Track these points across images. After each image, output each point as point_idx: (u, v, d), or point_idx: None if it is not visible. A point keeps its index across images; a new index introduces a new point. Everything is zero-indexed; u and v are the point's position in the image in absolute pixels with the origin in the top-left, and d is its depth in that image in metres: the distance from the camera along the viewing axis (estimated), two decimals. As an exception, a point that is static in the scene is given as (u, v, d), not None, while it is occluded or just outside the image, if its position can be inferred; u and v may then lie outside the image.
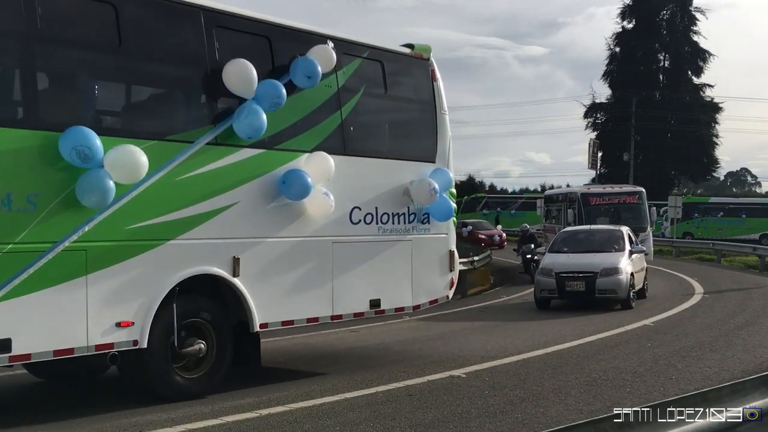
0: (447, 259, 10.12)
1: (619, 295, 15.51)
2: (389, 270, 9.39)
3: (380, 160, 9.46)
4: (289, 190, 8.13)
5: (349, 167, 8.86)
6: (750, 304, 16.24)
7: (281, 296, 8.26)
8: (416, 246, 9.66)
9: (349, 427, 6.42)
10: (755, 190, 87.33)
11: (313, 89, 8.46)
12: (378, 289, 9.22)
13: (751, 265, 27.71)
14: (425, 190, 9.46)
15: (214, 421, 6.61)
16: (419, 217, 9.69)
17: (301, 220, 8.38)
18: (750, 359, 9.64)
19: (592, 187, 33.47)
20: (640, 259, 17.41)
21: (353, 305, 9.00)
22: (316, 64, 8.24)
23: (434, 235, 9.94)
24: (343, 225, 8.87)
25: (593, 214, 25.26)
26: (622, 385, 8.07)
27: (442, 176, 9.78)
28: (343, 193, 8.72)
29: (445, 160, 10.13)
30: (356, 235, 9.00)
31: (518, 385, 8.07)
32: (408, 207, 9.56)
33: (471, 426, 6.45)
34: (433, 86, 10.09)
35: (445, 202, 9.88)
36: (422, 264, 9.75)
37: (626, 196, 26.70)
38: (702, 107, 54.52)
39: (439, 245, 10.03)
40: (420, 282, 9.72)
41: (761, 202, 48.66)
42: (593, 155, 50.62)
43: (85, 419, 6.76)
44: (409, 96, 10.43)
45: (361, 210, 9.05)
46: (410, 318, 14.99)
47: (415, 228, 9.67)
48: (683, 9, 56.09)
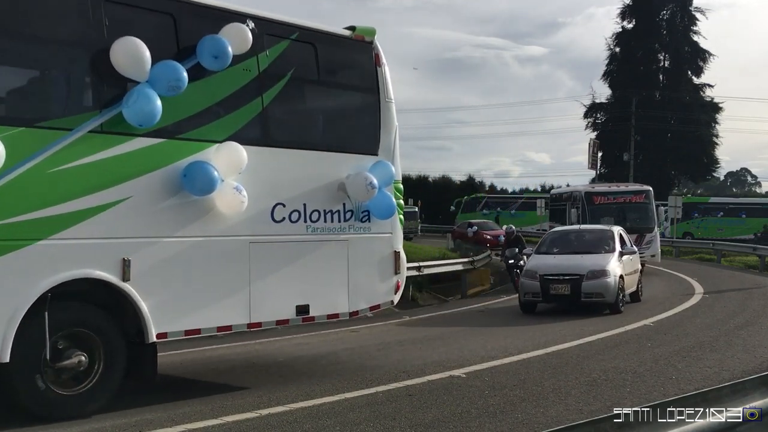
0: (391, 260, 9.29)
1: (606, 299, 14.72)
2: (320, 273, 8.54)
3: (311, 153, 8.60)
4: (191, 184, 7.30)
5: (272, 160, 8.11)
6: (750, 304, 16.24)
7: (184, 303, 7.41)
8: (354, 246, 8.84)
9: (349, 427, 6.42)
10: (755, 190, 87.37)
11: (228, 73, 7.65)
12: (306, 294, 8.35)
13: (751, 265, 27.74)
14: (361, 184, 8.59)
15: (214, 420, 6.61)
16: (357, 215, 8.86)
17: (209, 217, 7.54)
18: (750, 359, 9.64)
19: (597, 185, 32.43)
20: (633, 261, 16.69)
21: (275, 312, 8.14)
22: (224, 44, 7.43)
23: (376, 234, 9.09)
24: (263, 223, 8.03)
25: (597, 213, 24.28)
26: (622, 385, 8.06)
27: (382, 170, 8.94)
28: (263, 189, 7.95)
29: (390, 152, 9.29)
30: (279, 235, 8.16)
31: (518, 385, 8.07)
32: (344, 204, 8.73)
33: (471, 426, 6.45)
34: (376, 72, 9.22)
35: (385, 199, 9.00)
36: (361, 266, 8.92)
37: (632, 195, 25.51)
38: (702, 107, 54.57)
39: (381, 246, 9.19)
40: (358, 286, 8.87)
41: (761, 202, 48.73)
42: (593, 155, 50.62)
43: (85, 419, 6.75)
44: (348, 82, 9.59)
45: (285, 207, 8.19)
46: (410, 318, 15.01)
47: (353, 227, 8.83)
48: (683, 9, 56.14)
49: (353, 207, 8.81)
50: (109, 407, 7.16)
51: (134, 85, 6.95)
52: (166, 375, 8.95)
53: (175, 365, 9.62)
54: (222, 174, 7.46)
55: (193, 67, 7.32)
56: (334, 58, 9.10)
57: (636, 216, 24.56)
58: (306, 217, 8.38)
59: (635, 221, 24.16)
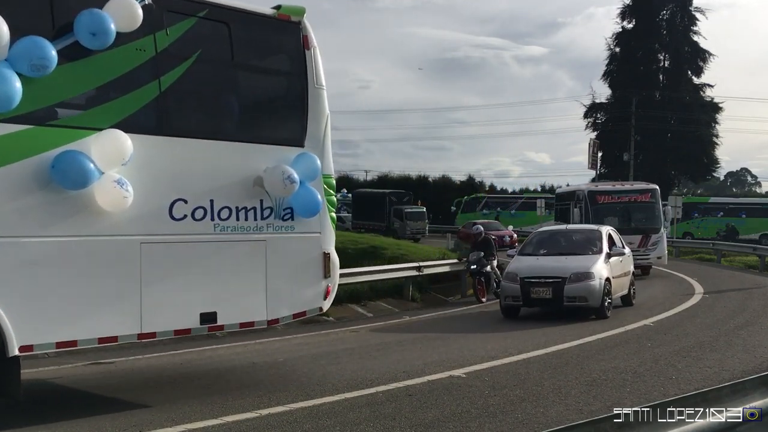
0: (320, 263, 8.39)
1: (590, 303, 13.77)
2: (232, 277, 7.69)
3: (221, 143, 7.74)
4: (62, 176, 6.42)
5: (171, 151, 7.24)
6: (750, 304, 16.25)
7: (56, 311, 6.50)
8: (273, 247, 7.97)
9: (349, 427, 6.43)
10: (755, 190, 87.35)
11: (116, 53, 6.82)
12: (213, 301, 7.50)
13: (751, 265, 27.75)
14: (278, 179, 7.75)
15: (214, 421, 6.61)
16: (278, 213, 8.01)
17: (86, 215, 6.64)
18: (750, 359, 9.64)
19: (601, 184, 31.39)
20: (624, 263, 15.71)
21: (174, 320, 7.25)
22: (104, 20, 6.57)
23: (301, 234, 8.21)
24: (159, 222, 7.12)
25: (601, 213, 23.46)
26: (622, 385, 8.07)
27: (306, 163, 8.11)
28: (158, 182, 7.10)
29: (319, 143, 8.42)
30: (180, 234, 7.24)
31: (518, 385, 8.07)
32: (261, 200, 7.86)
33: (471, 426, 6.45)
34: (304, 55, 8.31)
35: (309, 195, 8.11)
36: (282, 269, 8.05)
37: (638, 194, 24.44)
38: (702, 107, 54.57)
39: (307, 247, 8.32)
40: (279, 291, 8.01)
41: (761, 202, 48.72)
42: (593, 155, 50.71)
43: (85, 419, 6.76)
44: (269, 66, 8.70)
45: (187, 203, 7.29)
46: (410, 318, 15.02)
47: (272, 226, 7.97)
48: (683, 9, 56.14)
49: (273, 204, 7.96)
50: (109, 407, 7.17)
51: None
52: (166, 375, 8.96)
53: (175, 365, 9.63)
54: (101, 166, 6.61)
55: (70, 46, 6.52)
56: (252, 39, 8.23)
57: (642, 216, 23.93)
58: (213, 215, 7.50)
59: (641, 221, 23.72)
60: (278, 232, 8.04)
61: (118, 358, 9.98)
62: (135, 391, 7.90)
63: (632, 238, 22.52)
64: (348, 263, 18.25)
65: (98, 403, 7.52)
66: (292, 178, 7.80)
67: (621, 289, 15.37)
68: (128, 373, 9.14)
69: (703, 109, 54.48)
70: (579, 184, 30.68)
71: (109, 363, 9.68)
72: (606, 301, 13.97)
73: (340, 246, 8.76)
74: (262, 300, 7.91)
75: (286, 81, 8.67)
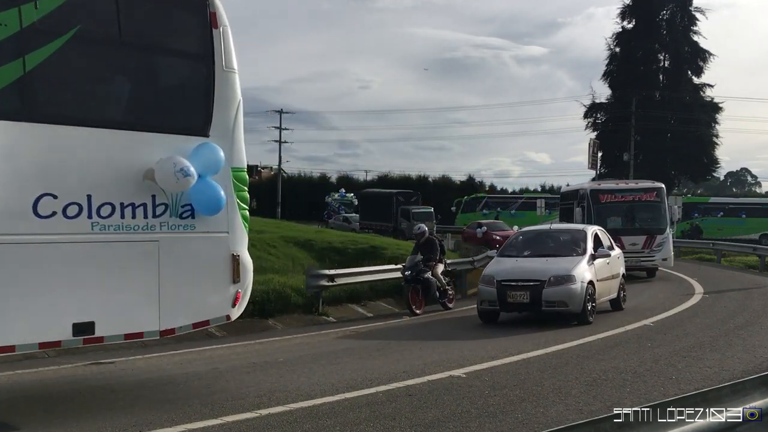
0: (227, 266, 7.54)
1: (570, 308, 12.94)
2: (114, 282, 6.81)
3: (103, 131, 6.83)
4: None
5: (37, 139, 6.40)
6: (750, 304, 16.25)
7: None
8: (168, 249, 7.10)
9: (349, 427, 6.42)
10: (755, 190, 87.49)
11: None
12: (90, 310, 6.64)
13: (751, 265, 27.77)
14: (169, 171, 6.84)
15: (214, 421, 6.61)
16: (175, 210, 7.13)
17: None
18: (750, 359, 9.64)
19: (604, 182, 29.86)
20: (612, 265, 14.81)
21: (39, 332, 6.40)
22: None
23: (204, 234, 7.37)
24: (20, 219, 6.26)
25: (604, 213, 22.65)
26: (622, 385, 8.07)
27: (207, 154, 7.23)
28: (19, 175, 6.26)
29: (228, 133, 7.59)
30: (47, 234, 6.39)
31: (518, 385, 8.07)
32: (154, 196, 6.98)
33: (471, 426, 6.45)
34: (211, 34, 7.48)
35: (209, 190, 7.22)
36: (180, 273, 7.18)
37: (643, 192, 23.44)
38: (702, 107, 54.55)
39: (212, 248, 7.46)
40: (175, 298, 7.15)
41: (761, 202, 48.77)
42: (593, 155, 50.70)
43: (85, 419, 6.76)
44: (166, 45, 7.68)
45: (57, 198, 6.42)
46: (410, 318, 15.01)
47: (167, 224, 7.10)
48: (683, 9, 56.13)
49: (168, 200, 7.08)
50: (109, 407, 7.17)
51: None
52: (166, 375, 8.96)
53: (174, 365, 9.63)
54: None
55: None
56: (145, 15, 7.34)
57: (647, 216, 23.14)
58: (91, 212, 6.63)
59: (646, 221, 23.05)
60: (175, 232, 7.17)
61: (118, 358, 9.98)
62: (135, 391, 7.90)
63: (636, 238, 22.14)
64: (348, 263, 18.35)
65: (98, 403, 7.51)
66: (185, 171, 6.87)
67: (608, 293, 14.63)
68: (128, 373, 9.14)
69: (703, 109, 54.47)
70: (582, 183, 29.74)
71: (109, 363, 9.68)
72: (589, 306, 13.14)
73: (340, 246, 8.67)
74: (153, 308, 7.02)
75: (188, 63, 7.76)
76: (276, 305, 13.98)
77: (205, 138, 7.38)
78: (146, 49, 7.44)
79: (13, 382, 8.62)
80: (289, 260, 18.93)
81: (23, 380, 8.65)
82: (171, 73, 7.82)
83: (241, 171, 7.77)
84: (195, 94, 7.61)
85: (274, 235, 22.88)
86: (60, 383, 8.55)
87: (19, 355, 8.87)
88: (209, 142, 7.35)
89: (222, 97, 7.56)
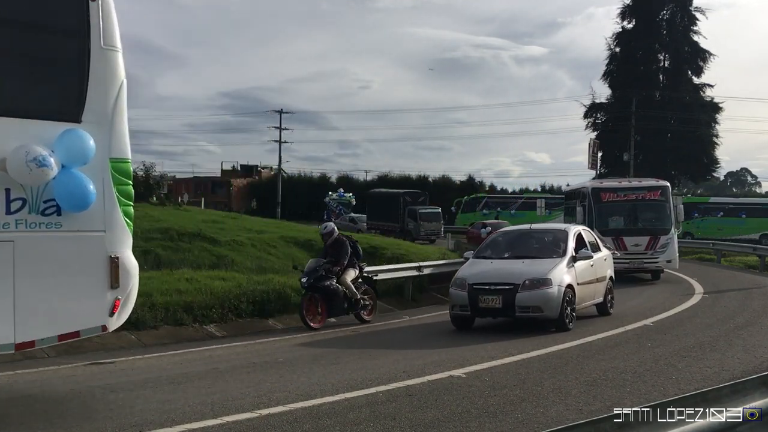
0: (103, 269, 6.63)
1: (546, 314, 12.06)
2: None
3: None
4: None
5: None
6: (750, 304, 16.25)
7: None
8: (25, 250, 6.23)
9: (349, 427, 6.42)
10: (755, 190, 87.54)
11: None
12: None
13: (751, 265, 27.77)
14: (20, 161, 6.04)
15: (214, 421, 6.61)
16: (36, 206, 6.29)
17: None
18: (750, 359, 9.64)
19: (606, 180, 28.45)
20: (597, 267, 13.92)
21: None
22: None
23: (72, 233, 6.48)
24: None
25: (605, 212, 22.00)
26: (622, 385, 8.07)
27: (73, 141, 6.38)
28: None
29: (107, 118, 6.70)
30: None
31: (518, 385, 8.07)
32: (8, 189, 6.15)
33: (471, 426, 6.45)
34: (87, 7, 6.60)
35: (73, 182, 6.37)
36: (41, 278, 6.33)
37: (646, 191, 22.60)
38: (702, 107, 54.52)
39: (83, 249, 6.57)
40: (36, 306, 6.30)
41: (761, 202, 48.79)
42: (593, 155, 50.73)
43: (85, 419, 6.76)
44: (27, 18, 6.61)
45: None
46: (410, 318, 15.02)
47: (25, 222, 6.24)
48: (683, 9, 56.09)
49: (27, 194, 6.25)
50: (109, 407, 7.17)
51: None
52: (166, 375, 8.96)
53: (174, 365, 9.63)
54: None
55: None
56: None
57: (651, 216, 22.44)
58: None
59: (649, 221, 22.36)
60: (35, 230, 6.31)
61: (118, 358, 9.98)
62: (135, 391, 7.89)
63: (639, 239, 21.63)
64: (348, 263, 18.34)
65: (98, 403, 7.51)
66: (39, 161, 6.05)
67: (592, 297, 13.74)
68: (128, 373, 9.13)
69: (703, 109, 54.43)
70: (584, 182, 28.96)
71: (109, 363, 9.68)
72: (567, 311, 12.28)
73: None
74: (7, 318, 6.14)
75: (56, 39, 6.75)
76: (276, 305, 13.98)
77: (76, 124, 6.51)
78: (4, 22, 6.51)
79: (13, 382, 8.62)
80: (289, 260, 18.92)
81: (23, 380, 8.65)
82: (35, 50, 6.70)
83: (122, 162, 6.82)
84: (64, 75, 6.73)
85: (274, 235, 22.91)
86: (60, 383, 8.55)
87: (19, 355, 8.90)
88: (76, 129, 6.48)
89: (99, 78, 6.65)
